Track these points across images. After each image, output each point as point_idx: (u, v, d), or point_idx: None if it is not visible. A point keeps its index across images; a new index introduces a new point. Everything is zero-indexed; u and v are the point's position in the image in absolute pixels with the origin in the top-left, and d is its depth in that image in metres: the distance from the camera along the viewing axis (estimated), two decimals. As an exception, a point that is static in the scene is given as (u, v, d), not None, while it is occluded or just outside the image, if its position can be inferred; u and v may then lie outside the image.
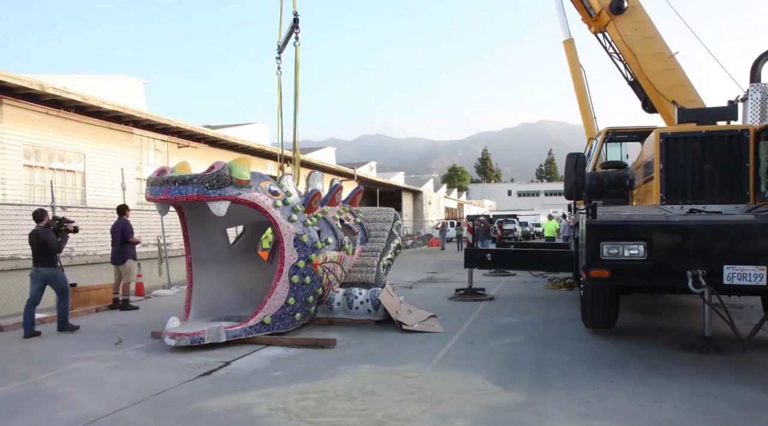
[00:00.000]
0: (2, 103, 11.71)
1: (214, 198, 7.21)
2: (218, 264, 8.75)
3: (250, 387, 5.69)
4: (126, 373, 6.32)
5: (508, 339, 7.78)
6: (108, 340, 7.98)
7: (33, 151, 12.58)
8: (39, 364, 6.76)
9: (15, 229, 11.72)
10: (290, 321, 8.00)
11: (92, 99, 13.45)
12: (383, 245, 9.85)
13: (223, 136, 18.93)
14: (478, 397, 5.27)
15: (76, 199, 13.86)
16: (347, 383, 5.76)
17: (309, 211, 8.58)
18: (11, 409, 5.20)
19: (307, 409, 4.98)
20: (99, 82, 17.34)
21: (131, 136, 15.63)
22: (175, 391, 5.64)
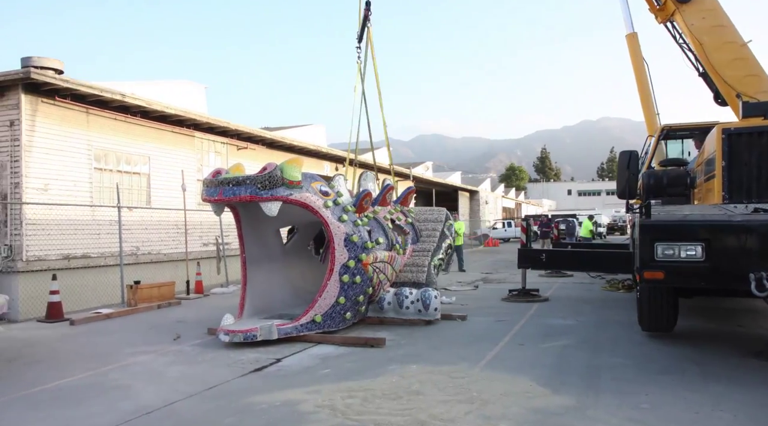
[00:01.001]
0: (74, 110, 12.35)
1: (266, 198, 7.38)
2: (271, 263, 8.95)
3: (298, 384, 5.81)
4: (182, 368, 6.57)
5: (560, 341, 7.62)
6: (167, 336, 8.31)
7: (102, 155, 13.20)
8: (103, 357, 7.10)
9: (86, 228, 12.34)
10: (341, 320, 8.10)
11: (156, 104, 13.99)
12: (434, 245, 9.83)
13: (280, 137, 19.30)
14: (525, 400, 5.20)
15: (141, 200, 14.45)
16: (394, 382, 5.79)
17: (360, 211, 8.67)
18: (77, 398, 5.50)
19: (352, 407, 5.04)
20: (163, 88, 18.01)
21: (192, 138, 16.15)
22: (227, 385, 5.83)
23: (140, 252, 13.61)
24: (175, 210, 14.14)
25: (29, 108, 11.34)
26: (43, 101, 11.59)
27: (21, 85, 11.17)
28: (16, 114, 11.27)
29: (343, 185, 8.89)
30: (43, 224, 11.43)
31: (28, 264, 10.98)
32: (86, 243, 12.30)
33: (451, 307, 10.35)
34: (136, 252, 13.45)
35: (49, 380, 6.09)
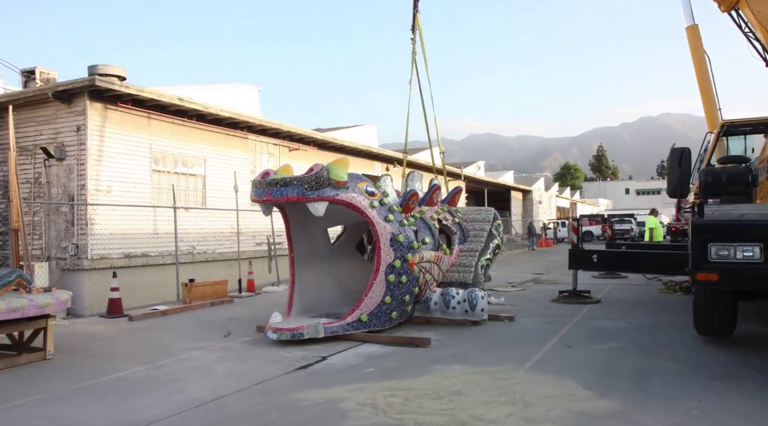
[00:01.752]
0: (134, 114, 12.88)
1: (313, 199, 7.51)
2: (319, 262, 9.10)
3: (342, 381, 5.90)
4: (231, 364, 6.77)
5: (610, 344, 7.45)
6: (219, 333, 8.58)
7: (161, 157, 13.71)
8: (158, 352, 7.40)
9: (146, 228, 12.85)
10: (387, 319, 8.16)
11: (212, 107, 14.42)
12: (482, 245, 9.77)
13: (331, 138, 19.56)
14: (569, 403, 5.11)
15: (197, 201, 14.93)
16: (436, 382, 5.80)
17: (406, 211, 8.71)
18: (133, 390, 5.76)
19: (393, 406, 5.08)
20: (217, 91, 18.56)
21: (246, 140, 16.56)
22: (273, 382, 5.97)
23: (196, 251, 14.05)
24: (229, 210, 14.53)
25: (94, 113, 11.88)
26: (107, 107, 12.12)
27: (87, 92, 11.71)
28: (82, 119, 11.83)
29: (389, 185, 8.94)
30: (106, 224, 11.96)
31: (92, 262, 11.52)
32: (146, 242, 12.79)
33: (499, 307, 10.25)
34: (192, 251, 13.90)
35: (109, 372, 6.40)
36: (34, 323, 6.96)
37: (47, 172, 12.27)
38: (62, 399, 5.51)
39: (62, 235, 11.95)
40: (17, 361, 6.79)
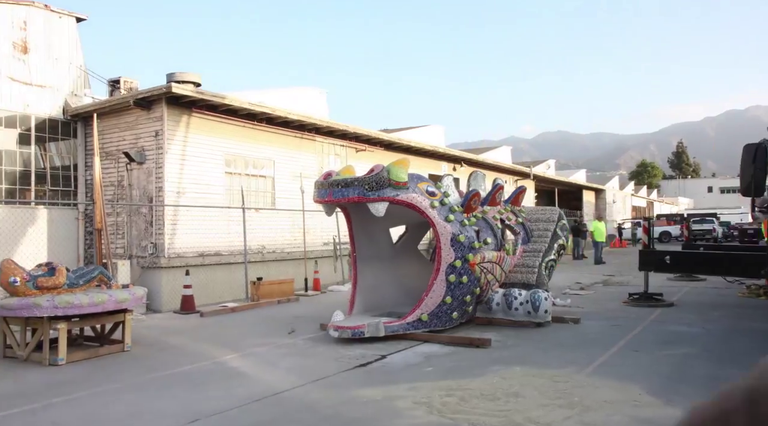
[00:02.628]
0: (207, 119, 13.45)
1: (373, 199, 7.62)
2: (381, 262, 9.21)
3: (399, 380, 5.96)
4: (293, 360, 6.98)
5: (680, 349, 7.15)
6: (284, 330, 8.84)
7: (232, 160, 14.25)
8: (226, 347, 7.72)
9: (218, 228, 13.40)
10: (447, 319, 8.17)
11: (280, 110, 14.85)
12: (546, 245, 9.59)
13: (397, 139, 19.68)
14: (630, 409, 4.97)
15: (266, 202, 15.41)
16: (494, 383, 5.77)
17: (468, 211, 8.68)
18: (200, 382, 6.05)
19: (448, 405, 5.10)
20: (286, 94, 19.04)
21: (314, 142, 16.94)
22: (332, 378, 6.12)
23: (266, 250, 14.50)
24: (297, 211, 14.90)
25: (171, 119, 12.50)
26: (182, 112, 12.72)
27: (164, 98, 12.34)
28: (160, 125, 12.47)
29: (451, 185, 8.94)
30: (182, 224, 12.56)
31: (169, 260, 12.12)
32: (218, 242, 13.33)
33: (565, 309, 10.04)
34: (262, 251, 14.35)
35: (180, 365, 6.75)
36: (114, 317, 7.44)
37: (129, 175, 13.01)
38: (137, 388, 5.86)
39: (142, 235, 12.64)
40: (99, 352, 7.28)
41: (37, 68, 13.10)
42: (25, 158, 12.93)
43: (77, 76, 13.93)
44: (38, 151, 13.21)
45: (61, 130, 13.52)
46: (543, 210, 10.49)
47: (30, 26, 13.06)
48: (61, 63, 13.59)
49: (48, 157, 13.46)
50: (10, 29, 12.70)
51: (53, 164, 13.57)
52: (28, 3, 13.20)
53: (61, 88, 13.53)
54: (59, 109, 13.43)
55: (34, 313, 6.60)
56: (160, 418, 4.89)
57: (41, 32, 13.25)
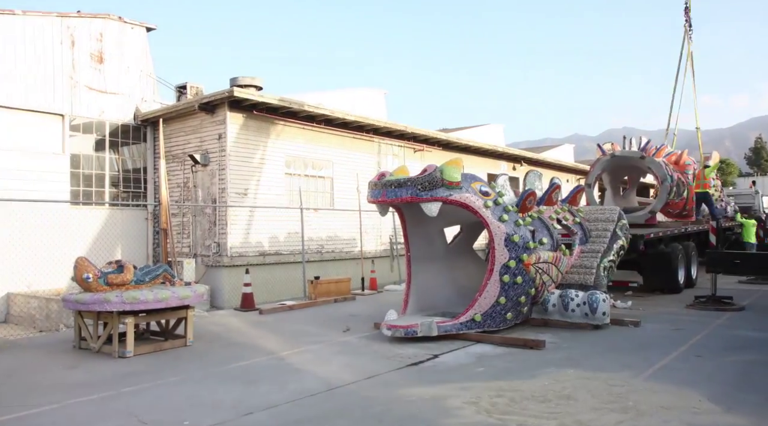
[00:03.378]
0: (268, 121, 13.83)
1: (426, 199, 7.66)
2: (435, 262, 9.22)
3: (450, 380, 5.98)
4: (346, 358, 7.10)
5: (747, 356, 6.83)
6: (339, 328, 9.00)
7: (292, 161, 14.60)
8: (282, 344, 7.94)
9: (279, 228, 13.75)
10: (501, 320, 8.10)
11: (338, 112, 15.09)
12: (604, 246, 9.35)
13: (455, 138, 19.59)
14: (688, 415, 4.80)
15: (325, 202, 15.69)
16: (545, 385, 5.70)
17: (523, 211, 8.57)
18: (256, 377, 6.26)
19: (497, 406, 5.08)
20: (346, 96, 19.30)
21: (372, 143, 17.10)
22: (383, 376, 6.20)
23: (324, 250, 14.76)
24: (355, 211, 15.09)
25: (233, 122, 12.93)
26: (244, 115, 13.13)
27: (227, 102, 12.77)
28: (223, 128, 12.92)
29: (506, 185, 8.86)
30: (243, 224, 12.97)
31: (231, 259, 12.54)
32: (278, 241, 13.68)
33: (625, 312, 9.75)
34: (320, 250, 14.62)
35: (237, 360, 7.00)
36: (177, 313, 7.80)
37: (194, 176, 13.55)
38: (197, 381, 6.13)
39: (206, 234, 13.13)
40: (163, 346, 7.64)
41: (111, 77, 13.84)
42: (100, 162, 13.68)
43: (147, 83, 14.61)
44: (112, 155, 13.95)
45: (132, 134, 14.22)
46: (602, 209, 10.22)
47: (105, 37, 13.81)
48: (133, 71, 14.29)
49: (121, 161, 14.19)
50: (88, 41, 13.47)
51: (125, 167, 14.29)
52: (104, 16, 13.97)
53: (133, 95, 14.23)
54: (131, 115, 14.13)
55: (105, 307, 7.00)
56: (216, 410, 5.10)
57: (115, 43, 13.99)
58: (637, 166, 13.94)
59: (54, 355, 7.42)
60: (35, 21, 12.71)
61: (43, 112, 12.63)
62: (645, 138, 14.67)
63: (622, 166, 14.28)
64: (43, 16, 12.91)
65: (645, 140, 14.39)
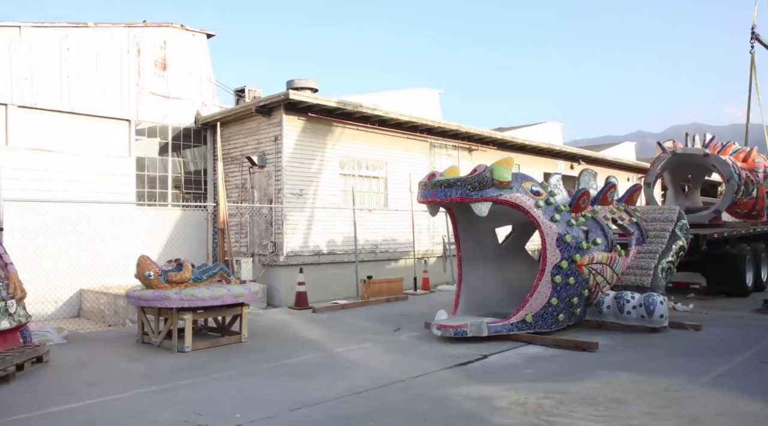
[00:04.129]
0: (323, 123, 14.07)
1: (476, 199, 7.63)
2: (487, 262, 9.16)
3: (498, 380, 5.95)
4: (396, 356, 7.17)
5: (817, 363, 6.48)
6: (390, 327, 9.08)
7: (346, 162, 14.80)
8: (333, 342, 8.09)
9: (333, 228, 13.96)
10: (553, 321, 7.98)
11: (392, 113, 15.19)
12: (663, 246, 9.05)
13: (510, 137, 19.35)
14: (746, 423, 4.62)
15: (379, 202, 15.82)
16: (596, 388, 5.59)
17: (576, 211, 8.42)
18: (306, 373, 6.42)
19: (544, 407, 5.03)
20: (400, 96, 19.37)
21: (425, 143, 17.12)
22: (432, 376, 6.23)
23: (378, 250, 14.89)
24: (409, 211, 15.14)
25: (288, 124, 13.23)
26: (299, 117, 13.41)
27: (282, 105, 13.08)
28: (279, 130, 13.24)
29: (558, 184, 8.72)
30: (299, 224, 13.25)
31: (287, 259, 12.83)
32: (333, 241, 13.90)
33: (685, 315, 9.42)
34: (374, 250, 14.75)
35: (289, 357, 7.18)
36: (232, 310, 8.07)
37: (251, 177, 13.94)
38: (250, 376, 6.33)
39: (263, 234, 13.48)
40: (219, 342, 7.93)
41: (174, 82, 14.41)
42: (163, 164, 14.28)
43: (207, 87, 15.13)
44: (174, 157, 14.52)
45: (194, 137, 14.76)
46: (661, 209, 9.90)
47: (168, 45, 14.39)
48: (194, 76, 14.84)
49: (182, 163, 14.75)
50: (152, 49, 14.09)
51: (187, 169, 14.85)
52: (167, 24, 14.55)
53: (194, 100, 14.77)
54: (192, 119, 14.67)
55: (165, 304, 7.33)
56: (266, 404, 5.26)
57: (177, 50, 14.56)
58: (700, 164, 13.41)
59: (119, 349, 7.81)
60: (105, 32, 13.38)
61: (111, 118, 13.29)
62: (710, 135, 14.10)
63: (684, 164, 13.78)
64: (112, 27, 13.57)
65: (709, 137, 13.83)
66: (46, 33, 12.48)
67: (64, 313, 12.05)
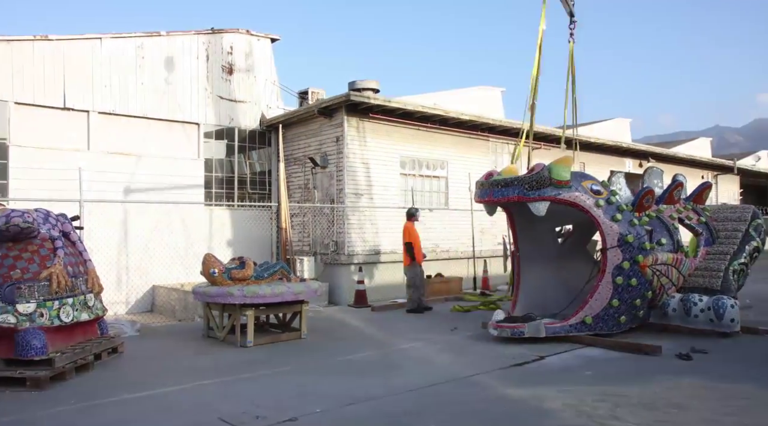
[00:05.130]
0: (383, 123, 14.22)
1: (534, 199, 7.54)
2: (546, 262, 9.02)
3: (553, 382, 5.88)
4: (451, 355, 7.20)
5: None
6: (446, 326, 9.11)
7: (407, 161, 14.89)
8: (390, 340, 8.20)
9: (394, 227, 14.07)
10: (614, 323, 7.78)
11: (452, 112, 15.16)
12: (734, 248, 8.63)
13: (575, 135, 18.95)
14: (817, 434, 4.39)
15: (440, 202, 15.82)
16: (655, 393, 5.44)
17: (639, 210, 8.18)
18: (362, 370, 6.55)
19: (600, 410, 4.94)
20: (461, 95, 19.30)
21: (487, 141, 16.98)
22: (486, 375, 6.22)
23: (439, 249, 14.89)
24: (468, 210, 15.07)
25: (349, 125, 13.45)
26: (360, 118, 13.61)
27: (344, 106, 13.31)
28: (340, 131, 13.49)
29: (621, 183, 8.50)
30: (360, 224, 13.45)
31: (348, 257, 13.05)
32: (394, 240, 13.99)
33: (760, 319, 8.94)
34: (435, 249, 14.76)
35: (346, 354, 7.34)
36: (292, 307, 8.32)
37: (314, 178, 14.26)
38: (307, 371, 6.52)
39: (325, 233, 13.76)
40: (280, 338, 8.19)
41: (240, 86, 14.93)
42: (230, 166, 14.82)
43: (272, 90, 15.59)
44: (240, 159, 15.05)
45: (258, 139, 15.24)
46: (733, 208, 9.44)
47: (235, 50, 14.93)
48: (259, 80, 15.31)
49: (248, 164, 15.26)
50: (220, 55, 14.66)
51: (252, 170, 15.35)
52: (234, 30, 15.09)
53: (259, 103, 15.25)
54: (257, 121, 15.15)
55: (228, 300, 7.65)
56: (321, 399, 5.42)
57: (243, 54, 15.08)
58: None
59: (187, 342, 8.21)
60: (176, 40, 14.03)
61: (182, 122, 13.91)
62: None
63: None
64: (183, 35, 14.20)
65: None
66: (123, 43, 13.21)
67: (139, 308, 12.73)
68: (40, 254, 6.37)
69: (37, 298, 6.11)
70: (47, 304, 6.18)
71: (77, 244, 7.20)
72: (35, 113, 12.09)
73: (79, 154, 12.23)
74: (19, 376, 5.78)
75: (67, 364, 6.11)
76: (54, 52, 12.27)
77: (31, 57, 12.04)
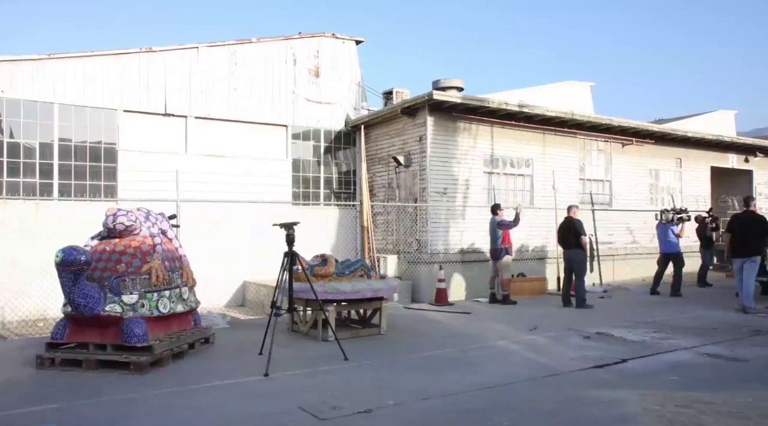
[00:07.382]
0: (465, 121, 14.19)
1: None
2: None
3: (634, 385, 5.70)
4: (529, 355, 7.11)
5: None
6: (527, 326, 8.98)
7: (490, 159, 14.77)
8: (468, 338, 8.20)
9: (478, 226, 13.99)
10: (706, 328, 7.40)
11: (538, 108, 14.85)
12: None
13: (670, 130, 17.94)
14: None
15: (525, 200, 15.55)
16: (747, 402, 5.14)
17: None
18: (438, 367, 6.62)
19: (681, 416, 4.75)
20: (547, 91, 18.86)
21: (574, 138, 16.49)
22: (564, 376, 6.13)
23: (524, 248, 14.64)
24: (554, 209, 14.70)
25: (432, 124, 13.53)
26: (443, 117, 13.65)
27: (426, 105, 13.41)
28: (423, 130, 13.60)
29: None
30: (443, 222, 13.50)
31: (431, 256, 13.14)
32: (477, 239, 13.93)
33: None
34: (519, 248, 14.54)
35: (424, 350, 7.44)
36: (372, 304, 8.51)
37: (397, 177, 14.46)
38: (384, 366, 6.68)
39: (408, 232, 13.92)
40: (360, 333, 8.41)
41: (326, 88, 15.40)
42: (317, 166, 15.32)
43: (356, 91, 15.95)
44: (326, 159, 15.51)
45: (344, 140, 15.65)
46: None
47: (321, 53, 15.42)
48: (344, 82, 15.72)
49: (334, 164, 15.70)
50: (306, 59, 15.19)
51: (339, 170, 15.78)
52: (320, 34, 15.58)
53: (344, 104, 15.66)
54: (342, 122, 15.56)
55: (310, 296, 7.93)
56: (396, 392, 5.55)
57: (329, 57, 15.54)
58: None
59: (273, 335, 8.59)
60: (266, 46, 14.68)
61: (271, 124, 14.55)
62: None
63: None
64: (272, 41, 14.83)
65: None
66: (217, 51, 13.99)
67: (232, 303, 13.46)
68: (142, 250, 6.91)
69: (139, 290, 6.64)
70: (147, 296, 6.70)
71: (174, 240, 7.74)
72: (140, 120, 13.08)
73: (177, 156, 13.10)
74: (124, 360, 6.32)
75: (164, 351, 6.61)
76: (157, 62, 13.20)
77: (137, 68, 13.04)
